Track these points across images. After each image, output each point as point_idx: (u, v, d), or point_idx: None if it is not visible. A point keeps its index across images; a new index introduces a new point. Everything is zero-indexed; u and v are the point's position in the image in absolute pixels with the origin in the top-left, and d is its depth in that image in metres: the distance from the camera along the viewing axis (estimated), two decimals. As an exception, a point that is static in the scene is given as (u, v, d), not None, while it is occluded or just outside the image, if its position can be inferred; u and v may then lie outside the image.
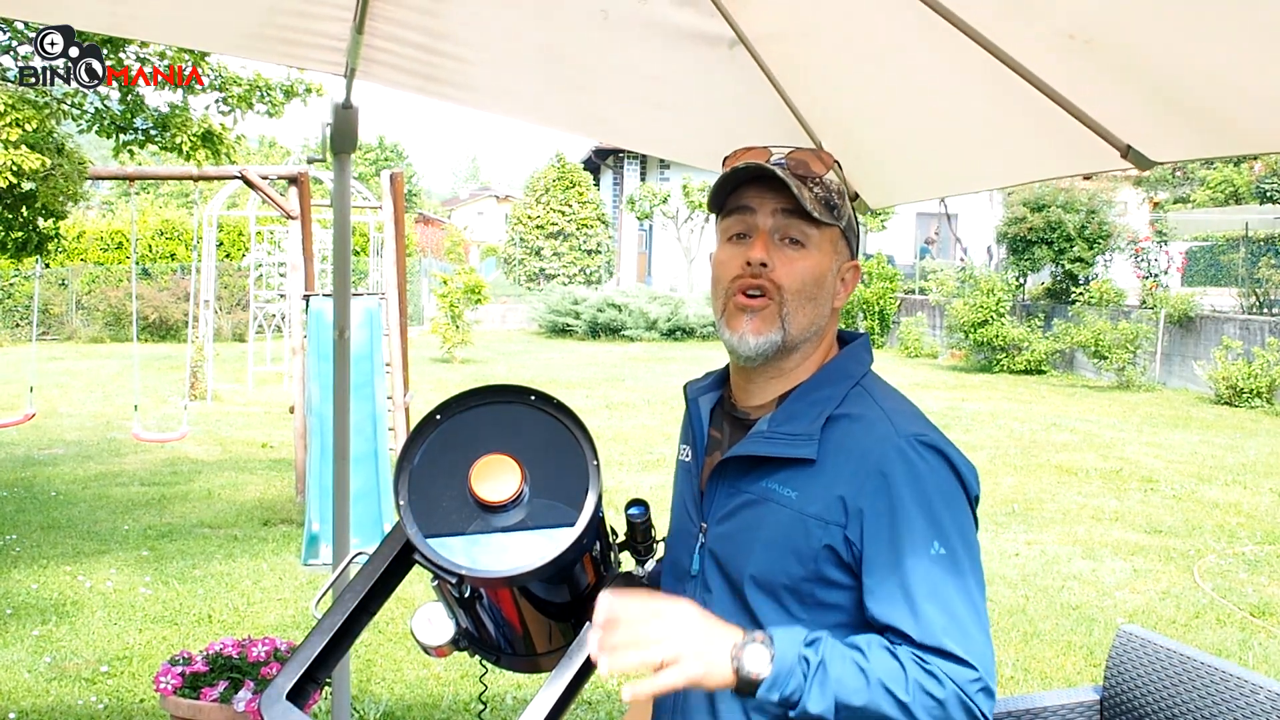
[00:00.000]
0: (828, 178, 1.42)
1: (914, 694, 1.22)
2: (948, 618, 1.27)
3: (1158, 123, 1.81)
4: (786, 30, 2.06)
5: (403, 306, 8.01)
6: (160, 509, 7.23)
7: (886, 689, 1.22)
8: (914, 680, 1.23)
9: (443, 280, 18.23)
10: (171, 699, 3.42)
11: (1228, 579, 6.00)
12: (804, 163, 1.41)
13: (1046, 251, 17.24)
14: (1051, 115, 1.83)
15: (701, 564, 1.45)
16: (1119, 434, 11.02)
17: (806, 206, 1.37)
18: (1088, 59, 1.64)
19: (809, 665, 1.22)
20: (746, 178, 1.41)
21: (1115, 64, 1.64)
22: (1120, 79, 1.69)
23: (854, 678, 1.22)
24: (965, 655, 1.25)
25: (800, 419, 1.39)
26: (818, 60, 2.14)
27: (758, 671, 1.21)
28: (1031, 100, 1.80)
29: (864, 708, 1.22)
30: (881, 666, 1.24)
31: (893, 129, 2.30)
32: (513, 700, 4.08)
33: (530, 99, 2.71)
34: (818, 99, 2.27)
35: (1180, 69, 1.62)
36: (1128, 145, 1.87)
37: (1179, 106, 1.70)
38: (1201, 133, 1.77)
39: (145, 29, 2.71)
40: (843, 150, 2.38)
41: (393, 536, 1.33)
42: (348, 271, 2.84)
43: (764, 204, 1.40)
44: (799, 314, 1.40)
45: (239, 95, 6.02)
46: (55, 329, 21.58)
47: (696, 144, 2.78)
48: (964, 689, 1.24)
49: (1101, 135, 1.86)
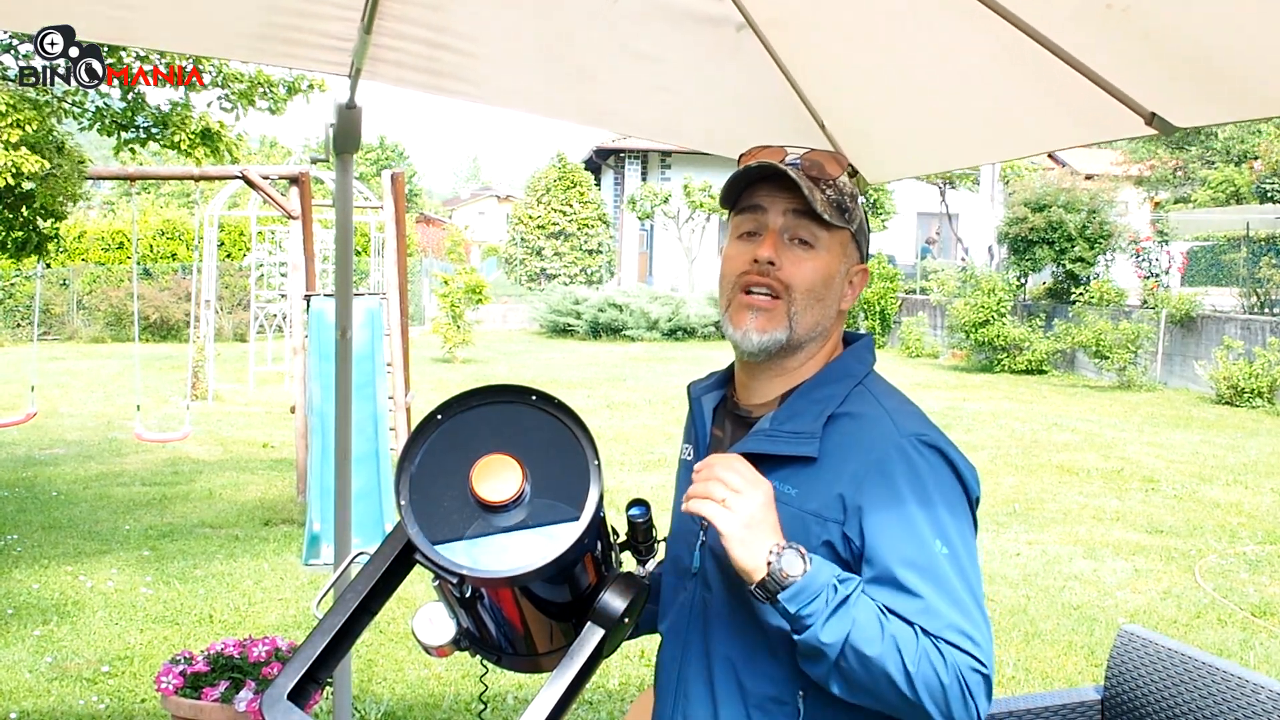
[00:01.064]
0: (841, 180, 1.43)
1: (920, 664, 1.23)
2: (956, 610, 1.27)
3: (1184, 88, 1.78)
4: (794, 12, 2.06)
5: (404, 306, 8.01)
6: (161, 509, 7.23)
7: (898, 649, 1.23)
8: (923, 650, 1.24)
9: (444, 280, 18.24)
10: (173, 699, 3.42)
11: (1229, 579, 5.99)
12: (818, 164, 1.42)
13: (1048, 251, 17.23)
14: (1073, 84, 1.80)
15: (702, 562, 1.46)
16: (1120, 434, 11.01)
17: (817, 208, 1.38)
18: (1119, 27, 1.61)
19: (835, 594, 1.24)
20: (759, 176, 1.42)
21: (1146, 30, 1.61)
22: (1150, 45, 1.65)
23: (872, 626, 1.24)
24: (971, 643, 1.25)
25: (802, 417, 1.40)
26: (826, 38, 2.13)
27: (789, 572, 1.24)
28: (1052, 69, 1.78)
29: (873, 659, 1.23)
30: (898, 630, 1.25)
31: (904, 103, 2.28)
32: (514, 700, 4.09)
33: (537, 91, 2.71)
34: (825, 78, 2.26)
35: (1214, 32, 1.59)
36: (1152, 113, 1.83)
37: (1208, 70, 1.67)
38: (1229, 97, 1.74)
39: (146, 36, 2.71)
40: (850, 128, 2.36)
41: (394, 536, 1.33)
42: (350, 271, 2.84)
43: (775, 203, 1.41)
44: (806, 314, 1.41)
45: (240, 92, 6.02)
46: (56, 329, 21.60)
47: (702, 129, 2.78)
48: (966, 678, 1.24)
49: (1125, 102, 1.83)
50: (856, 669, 1.24)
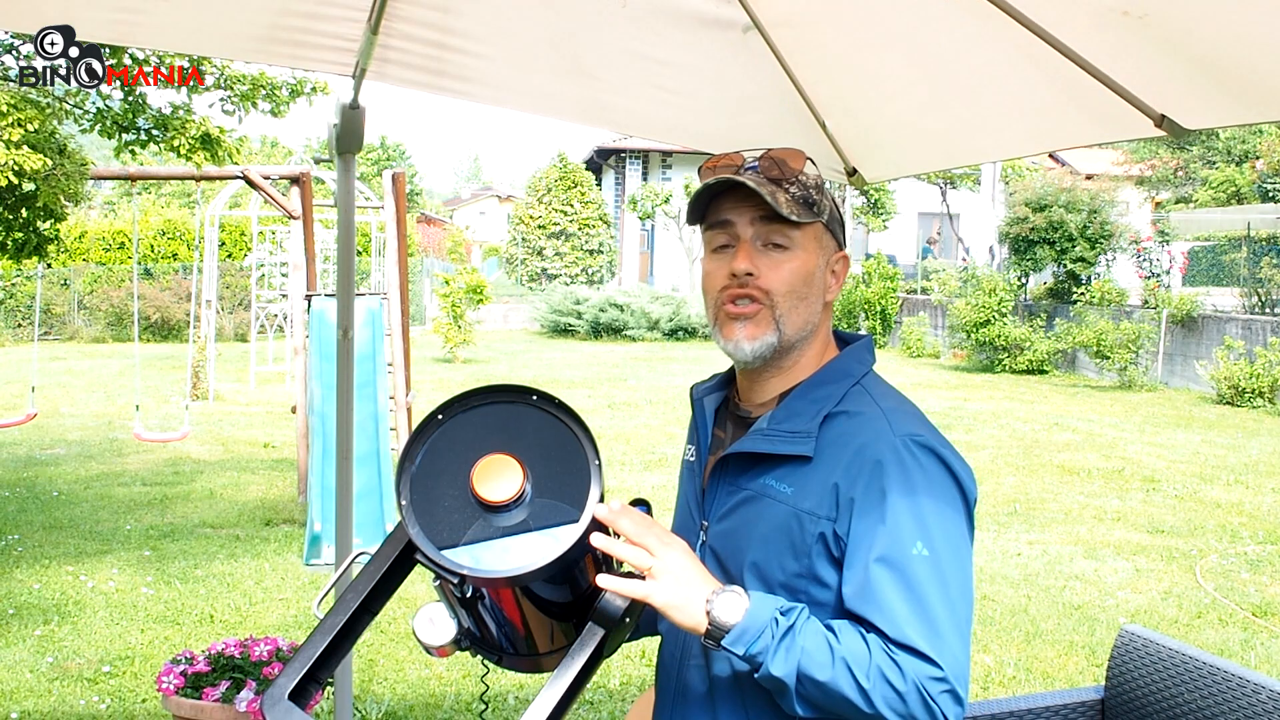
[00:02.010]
0: (803, 175, 1.42)
1: (874, 680, 1.22)
2: (920, 617, 1.26)
3: (1195, 90, 1.78)
4: (803, 12, 2.06)
5: (405, 306, 8.01)
6: (162, 509, 7.23)
7: (850, 670, 1.23)
8: (876, 666, 1.23)
9: (445, 280, 18.25)
10: (174, 699, 3.42)
11: (1230, 579, 5.99)
12: (776, 164, 1.41)
13: (1048, 251, 17.23)
14: (1082, 85, 1.80)
15: (703, 561, 1.45)
16: (1121, 434, 11.01)
17: (783, 211, 1.37)
18: (1133, 32, 1.62)
19: (778, 627, 1.24)
20: (721, 189, 1.41)
21: (1160, 35, 1.62)
22: (1163, 49, 1.66)
23: (821, 652, 1.24)
24: (933, 655, 1.24)
25: (799, 417, 1.40)
26: (833, 41, 2.13)
27: (728, 619, 1.24)
28: (1061, 69, 1.78)
29: (825, 684, 1.23)
30: (849, 648, 1.25)
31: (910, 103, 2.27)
32: (514, 700, 4.09)
33: (542, 91, 2.71)
34: (829, 79, 2.26)
35: (1226, 36, 1.60)
36: (1162, 115, 1.84)
37: (1219, 74, 1.68)
38: (1239, 99, 1.74)
39: (150, 37, 2.71)
40: (854, 128, 2.36)
41: (395, 536, 1.33)
42: (351, 271, 2.84)
43: (741, 214, 1.41)
44: (792, 314, 1.41)
45: (243, 94, 6.02)
46: (57, 329, 21.61)
47: (706, 129, 2.78)
48: (925, 686, 1.23)
49: (1134, 104, 1.83)
50: (814, 693, 1.24)
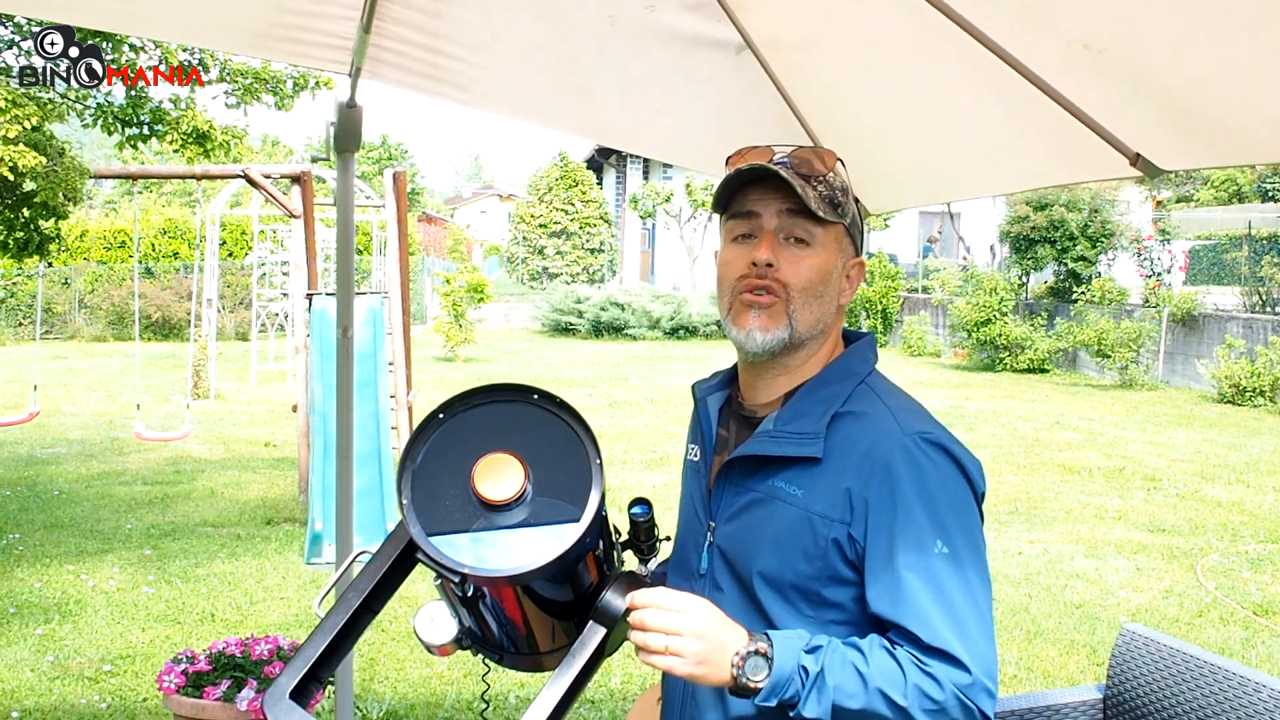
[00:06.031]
0: (831, 175, 1.42)
1: (912, 697, 1.25)
2: (949, 617, 1.27)
3: (1167, 132, 1.80)
4: (795, 36, 2.06)
5: (406, 305, 8.01)
6: (163, 508, 7.23)
7: (884, 694, 1.25)
8: (913, 684, 1.25)
9: (446, 279, 18.25)
10: (175, 698, 3.42)
11: (1231, 578, 5.99)
12: (807, 161, 1.41)
13: (1049, 250, 17.22)
14: (1060, 122, 1.82)
15: (710, 562, 1.46)
16: (1122, 433, 11.01)
17: (811, 206, 1.37)
18: (1100, 68, 1.64)
19: (807, 674, 1.26)
20: (751, 178, 1.41)
21: (1127, 74, 1.64)
22: (1132, 88, 1.69)
23: (852, 683, 1.25)
24: (965, 657, 1.26)
25: (806, 417, 1.40)
26: (825, 65, 2.13)
27: (756, 682, 1.26)
28: (1040, 107, 1.80)
29: (861, 710, 1.25)
30: (880, 671, 1.26)
31: (898, 134, 2.29)
32: (515, 699, 4.09)
33: (534, 102, 2.71)
34: (822, 103, 2.27)
35: (1191, 80, 1.62)
36: (1137, 154, 1.87)
37: (1189, 116, 1.70)
38: (1211, 142, 1.77)
39: (151, 27, 2.72)
40: (846, 155, 2.38)
41: (396, 535, 1.33)
42: (351, 270, 2.84)
43: (768, 205, 1.40)
44: (805, 311, 1.41)
45: (246, 87, 6.02)
46: (58, 328, 21.61)
47: (698, 149, 2.78)
48: (963, 691, 1.25)
49: (1111, 143, 1.86)
50: (854, 718, 1.27)
